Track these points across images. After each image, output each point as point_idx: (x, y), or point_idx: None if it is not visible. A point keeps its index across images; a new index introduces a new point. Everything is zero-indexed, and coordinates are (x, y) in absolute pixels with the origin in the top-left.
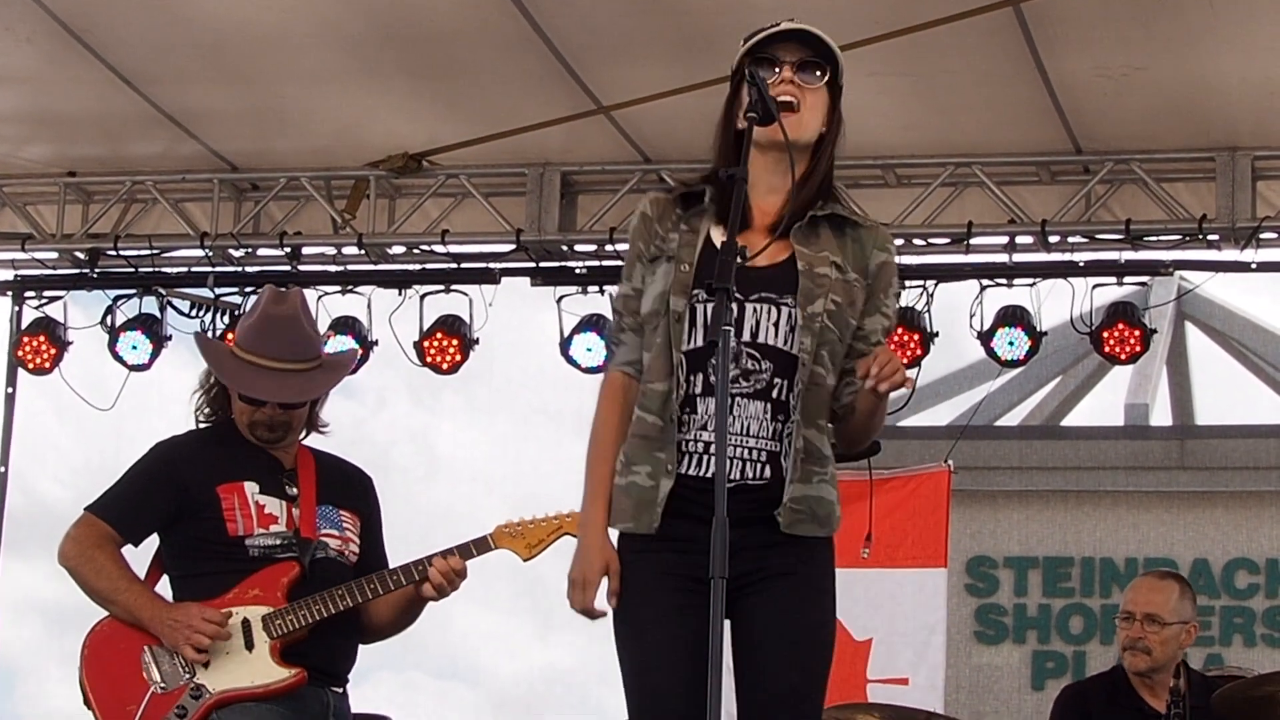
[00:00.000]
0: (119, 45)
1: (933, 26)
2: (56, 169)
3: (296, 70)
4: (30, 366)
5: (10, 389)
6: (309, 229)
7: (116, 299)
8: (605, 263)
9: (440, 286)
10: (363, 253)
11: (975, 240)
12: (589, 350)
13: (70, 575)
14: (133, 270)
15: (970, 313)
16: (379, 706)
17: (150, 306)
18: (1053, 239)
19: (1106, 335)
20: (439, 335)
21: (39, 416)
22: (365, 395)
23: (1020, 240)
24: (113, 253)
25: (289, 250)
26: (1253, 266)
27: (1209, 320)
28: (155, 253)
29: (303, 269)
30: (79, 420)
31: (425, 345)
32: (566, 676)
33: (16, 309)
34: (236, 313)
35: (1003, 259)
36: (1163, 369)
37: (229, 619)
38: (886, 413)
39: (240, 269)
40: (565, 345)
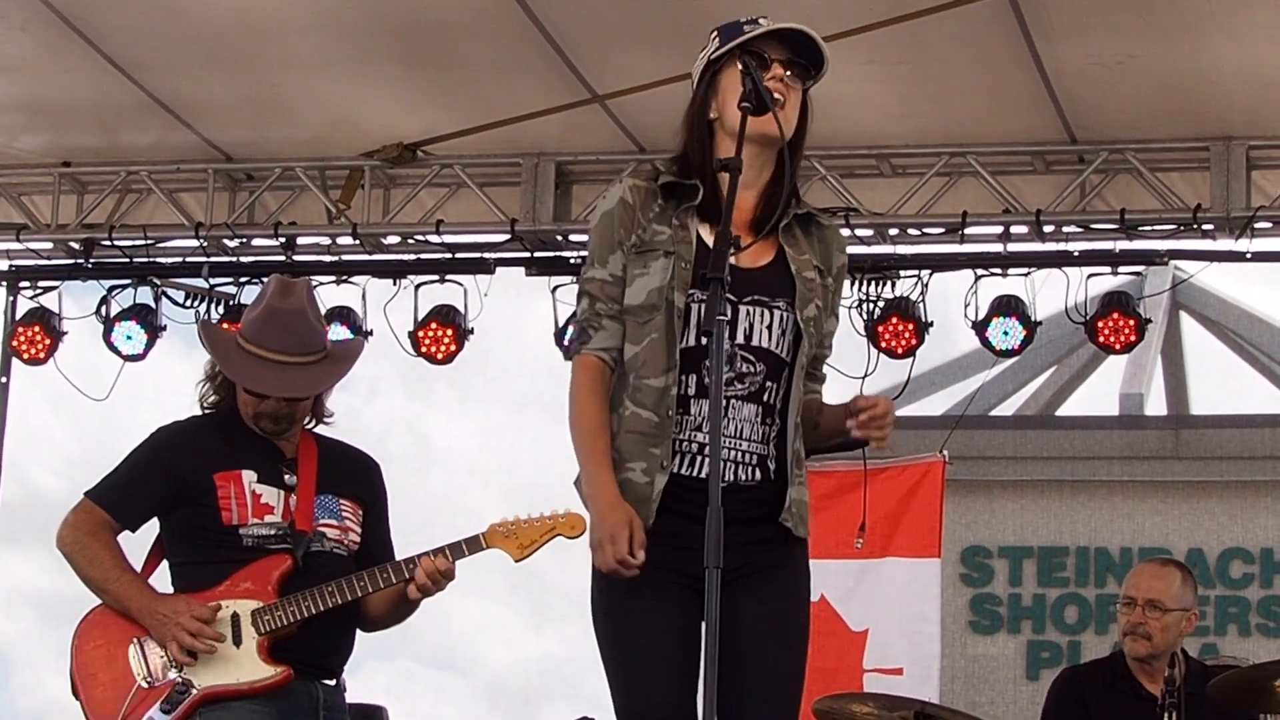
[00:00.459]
0: (114, 34)
1: (927, 15)
2: (51, 159)
3: (291, 60)
4: (25, 357)
5: (4, 379)
6: (304, 219)
7: (111, 289)
8: None
9: (435, 276)
10: (357, 243)
11: (970, 230)
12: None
13: (66, 561)
14: (127, 260)
15: (965, 302)
16: (374, 697)
17: (145, 297)
18: (1047, 228)
19: (1101, 325)
20: (434, 325)
21: (33, 407)
22: (359, 385)
23: (1015, 230)
24: (107, 243)
25: (284, 240)
26: (1247, 256)
27: (1204, 310)
28: (150, 243)
29: (297, 259)
30: (73, 411)
31: (420, 335)
32: (560, 667)
33: (11, 299)
34: (231, 303)
35: (997, 248)
36: (1157, 359)
37: (218, 612)
38: None
39: (235, 259)
40: (560, 335)
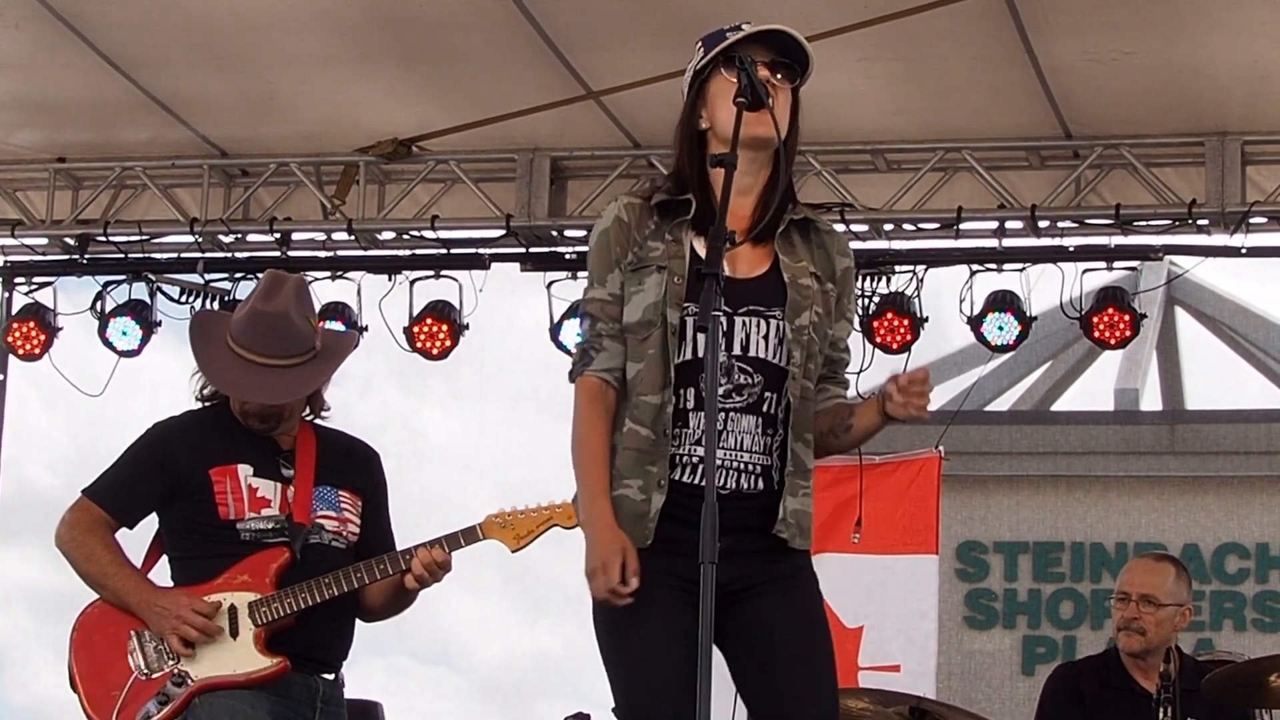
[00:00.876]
0: (108, 30)
1: (922, 11)
2: (46, 155)
3: (286, 55)
4: (20, 353)
5: (1, 376)
6: (299, 215)
7: (106, 285)
8: None
9: (430, 272)
10: (352, 238)
11: (965, 225)
12: (579, 336)
13: (65, 558)
14: (122, 256)
15: (960, 298)
16: (368, 692)
17: (140, 292)
18: (1042, 224)
19: (1096, 320)
20: (429, 321)
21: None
22: (352, 381)
23: (1010, 225)
24: (102, 239)
25: (279, 236)
26: (1242, 251)
27: (1199, 305)
28: (145, 238)
29: (292, 255)
30: (67, 407)
31: (415, 331)
32: (554, 662)
33: (6, 295)
34: (227, 298)
35: (992, 244)
36: (1152, 354)
37: (217, 606)
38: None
39: (230, 255)
40: (555, 331)
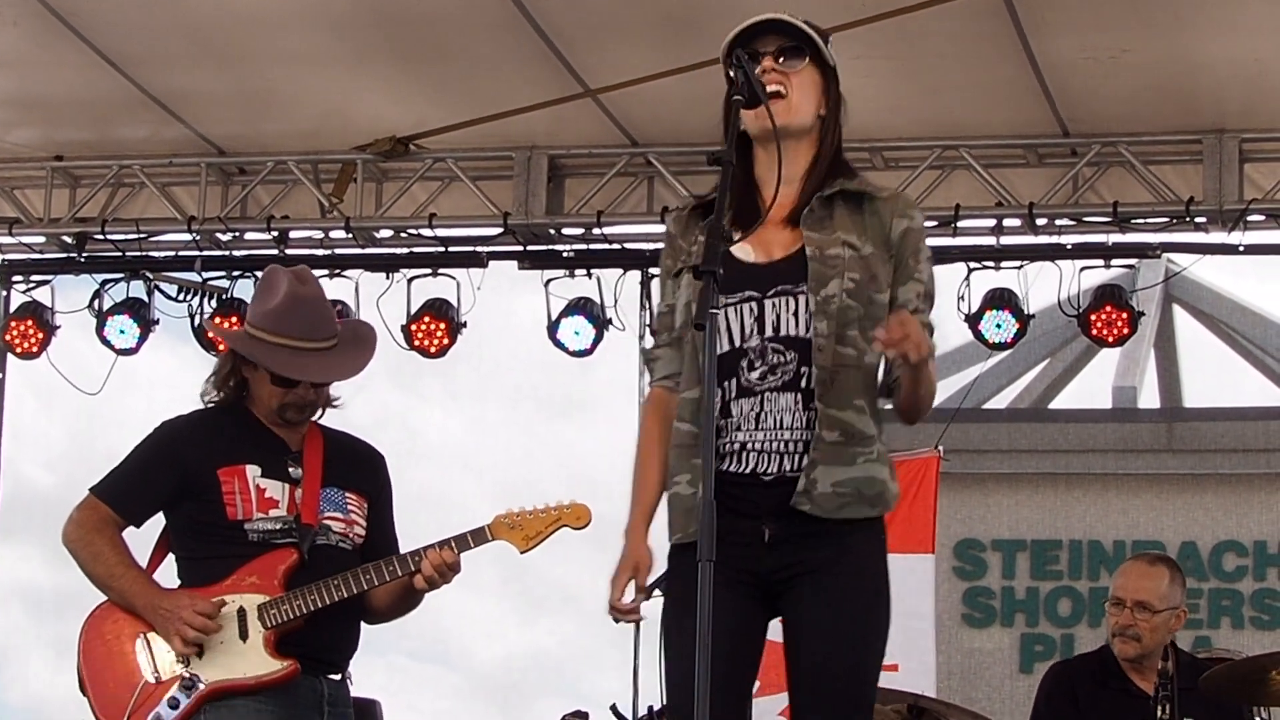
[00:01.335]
0: (105, 28)
1: (919, 9)
2: (43, 153)
3: (283, 53)
4: (18, 351)
5: (1, 374)
6: (296, 213)
7: (104, 283)
8: (593, 246)
9: (428, 270)
10: (350, 236)
11: (962, 223)
12: (576, 334)
13: (72, 557)
14: (120, 254)
15: (958, 295)
16: (366, 690)
17: (137, 291)
18: (1040, 221)
19: (1094, 318)
20: (426, 319)
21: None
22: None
23: (1008, 223)
24: (100, 237)
25: (276, 234)
26: (1240, 249)
27: (1197, 303)
28: (142, 237)
29: (290, 253)
30: (64, 405)
31: (413, 329)
32: (552, 661)
33: (4, 293)
34: (224, 297)
35: (990, 241)
36: (1150, 352)
37: (223, 607)
38: (933, 381)
39: (227, 253)
40: (553, 329)
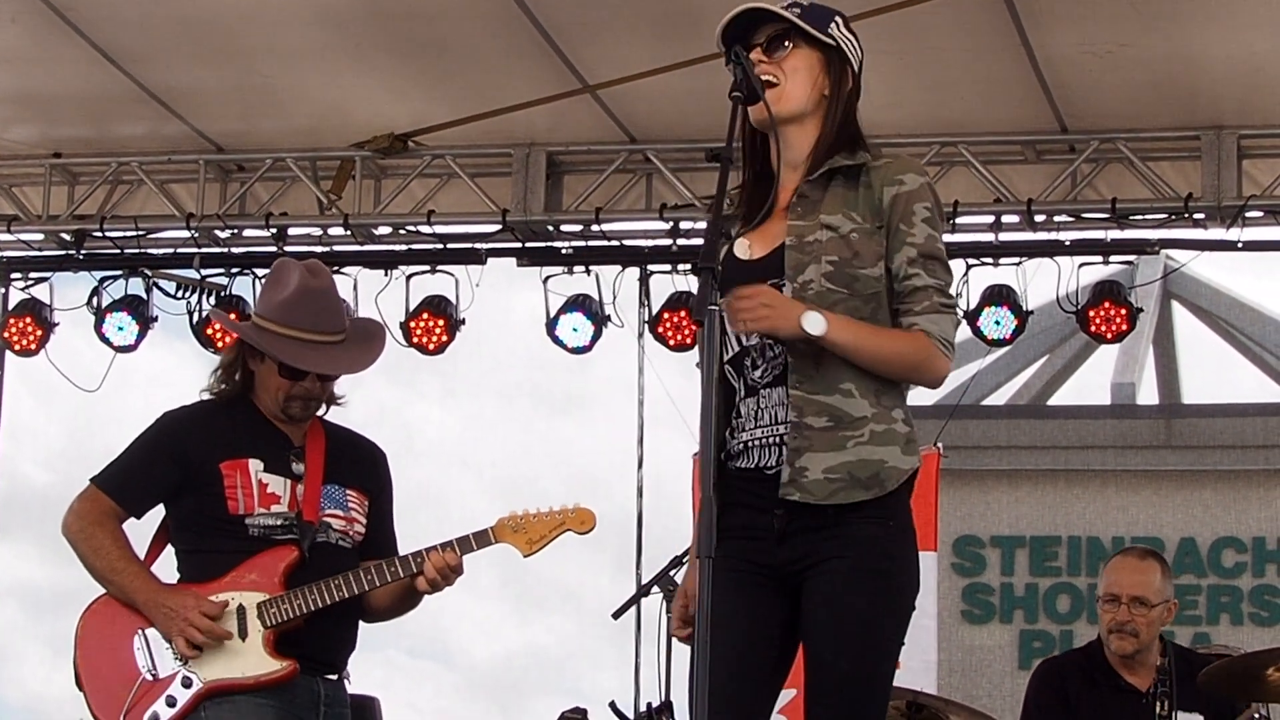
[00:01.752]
0: (104, 25)
1: (917, 4)
2: (42, 150)
3: (282, 50)
4: (17, 348)
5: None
6: (295, 210)
7: (102, 280)
8: (591, 243)
9: (426, 267)
10: (348, 233)
11: (961, 219)
12: (575, 330)
13: (71, 549)
14: (118, 251)
15: (956, 292)
16: (365, 687)
17: (136, 288)
18: (1039, 218)
19: (1093, 314)
20: (425, 316)
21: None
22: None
23: (1006, 219)
24: (98, 234)
25: (275, 231)
26: (1239, 245)
27: (1195, 299)
28: (141, 234)
29: (288, 250)
30: (61, 402)
31: (411, 326)
32: (550, 659)
33: (2, 291)
34: (223, 294)
35: (989, 238)
36: (1149, 348)
37: (225, 606)
38: (877, 342)
39: (226, 250)
40: (551, 325)
